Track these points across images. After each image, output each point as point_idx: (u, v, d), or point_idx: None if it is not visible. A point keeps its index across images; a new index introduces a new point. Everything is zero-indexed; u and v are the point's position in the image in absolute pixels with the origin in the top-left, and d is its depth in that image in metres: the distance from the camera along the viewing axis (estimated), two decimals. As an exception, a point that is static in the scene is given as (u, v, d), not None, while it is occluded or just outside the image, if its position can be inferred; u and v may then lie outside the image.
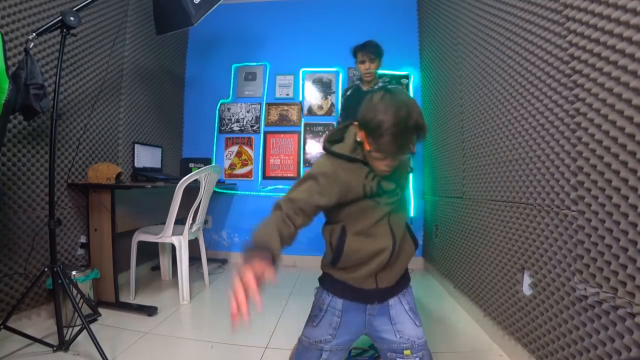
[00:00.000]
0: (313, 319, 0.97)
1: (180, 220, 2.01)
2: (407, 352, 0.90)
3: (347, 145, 0.89)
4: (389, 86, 0.84)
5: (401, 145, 0.78)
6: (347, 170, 0.86)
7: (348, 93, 2.14)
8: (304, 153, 3.01)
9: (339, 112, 2.25)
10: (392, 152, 0.79)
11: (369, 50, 1.96)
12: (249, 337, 1.55)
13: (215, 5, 1.91)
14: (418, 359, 0.90)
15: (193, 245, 2.18)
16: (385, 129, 0.76)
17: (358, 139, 0.85)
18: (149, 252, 2.54)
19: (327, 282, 0.97)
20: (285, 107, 3.08)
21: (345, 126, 0.94)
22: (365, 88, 2.05)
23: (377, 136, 0.78)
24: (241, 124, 3.12)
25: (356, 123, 0.85)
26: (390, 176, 0.88)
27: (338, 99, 3.01)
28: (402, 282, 0.97)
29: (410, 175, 1.00)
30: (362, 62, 1.99)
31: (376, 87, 2.03)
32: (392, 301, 0.94)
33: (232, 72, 3.17)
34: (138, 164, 2.48)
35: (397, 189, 0.90)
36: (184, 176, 1.89)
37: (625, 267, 0.82)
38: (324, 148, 0.92)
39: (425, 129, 0.80)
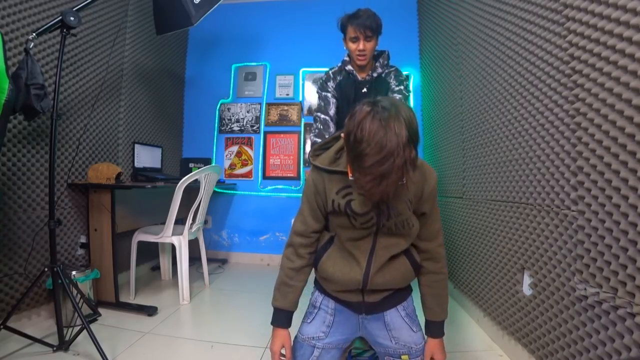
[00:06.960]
0: (307, 315, 0.99)
1: (180, 220, 2.01)
2: (404, 357, 0.90)
3: (327, 157, 0.86)
4: (378, 98, 0.70)
5: (381, 191, 0.66)
6: (326, 180, 0.86)
7: (339, 79, 1.69)
8: (304, 153, 3.01)
9: (321, 101, 1.72)
10: (369, 194, 0.69)
11: (364, 24, 1.48)
12: (249, 337, 1.55)
13: (216, 5, 1.91)
14: None
15: (193, 245, 2.18)
16: (366, 166, 0.64)
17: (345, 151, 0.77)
18: (149, 252, 2.54)
19: (319, 284, 0.99)
20: (285, 107, 3.08)
21: (334, 138, 0.91)
22: (360, 77, 1.63)
23: (356, 168, 0.68)
24: (241, 124, 3.12)
25: (343, 135, 0.74)
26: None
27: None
28: (396, 298, 0.93)
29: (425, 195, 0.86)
30: (355, 40, 1.52)
31: (374, 74, 1.62)
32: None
33: (232, 72, 3.17)
34: (138, 164, 2.48)
35: (371, 213, 0.80)
36: (184, 176, 1.89)
37: (625, 267, 0.82)
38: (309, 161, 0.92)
39: (418, 141, 0.68)
